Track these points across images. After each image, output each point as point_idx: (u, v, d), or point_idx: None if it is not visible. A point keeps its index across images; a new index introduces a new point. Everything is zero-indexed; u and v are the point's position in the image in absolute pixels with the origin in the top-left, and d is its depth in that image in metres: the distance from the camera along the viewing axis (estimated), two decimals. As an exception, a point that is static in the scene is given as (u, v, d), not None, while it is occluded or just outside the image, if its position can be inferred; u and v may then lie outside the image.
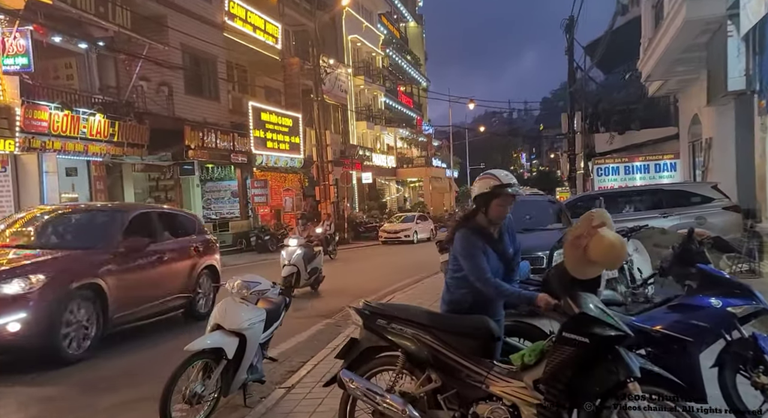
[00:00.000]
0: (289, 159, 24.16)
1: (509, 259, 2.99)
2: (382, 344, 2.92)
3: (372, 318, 2.97)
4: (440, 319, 2.86)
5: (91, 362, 5.55)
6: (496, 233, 2.97)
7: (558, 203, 8.15)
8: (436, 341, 2.72)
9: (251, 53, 22.81)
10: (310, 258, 10.02)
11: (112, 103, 15.83)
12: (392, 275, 13.94)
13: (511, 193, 2.88)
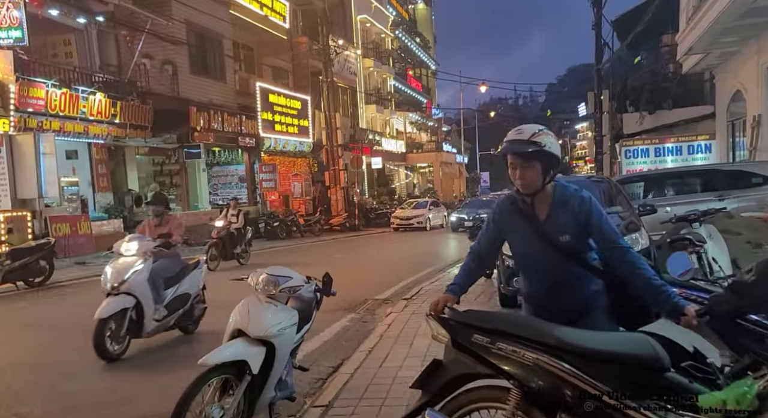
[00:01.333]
0: (297, 143, 23.33)
1: (560, 246, 2.23)
2: (482, 370, 2.08)
3: (464, 332, 2.13)
4: (574, 337, 1.96)
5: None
6: (543, 210, 2.27)
7: (606, 181, 7.24)
8: (571, 371, 1.87)
9: (258, 32, 21.88)
10: (169, 278, 5.54)
11: (113, 82, 15.02)
12: (411, 263, 13.18)
13: (504, 153, 2.26)
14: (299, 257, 14.28)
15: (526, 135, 2.20)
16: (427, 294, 7.59)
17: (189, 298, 5.65)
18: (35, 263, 8.99)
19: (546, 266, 2.26)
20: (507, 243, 2.51)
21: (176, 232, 5.78)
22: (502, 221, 2.38)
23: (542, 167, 2.19)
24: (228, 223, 11.66)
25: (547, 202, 2.26)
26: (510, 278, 5.80)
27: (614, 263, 2.18)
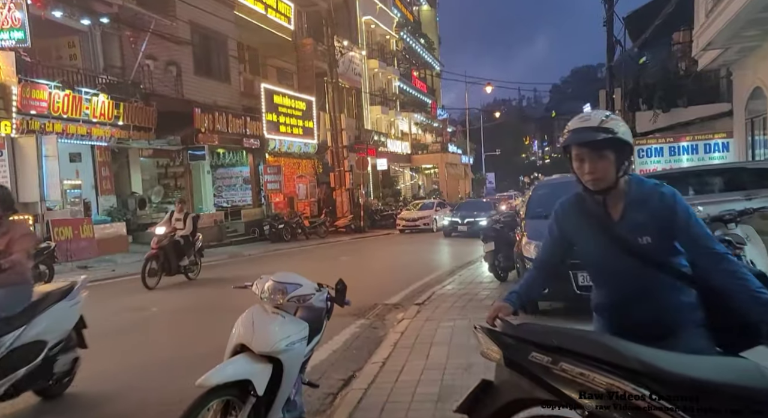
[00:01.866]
0: (302, 144, 23.10)
1: (639, 250, 1.88)
2: (541, 395, 1.75)
3: (520, 349, 1.81)
4: (661, 360, 1.59)
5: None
6: (617, 210, 1.94)
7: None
8: (657, 404, 1.50)
9: (263, 34, 21.69)
10: (7, 319, 3.63)
11: (117, 84, 14.82)
12: (419, 266, 12.89)
13: (569, 143, 1.93)
14: (304, 260, 14.02)
15: (595, 121, 1.87)
16: (439, 299, 7.30)
17: (43, 346, 3.78)
18: (34, 268, 8.74)
19: (622, 274, 1.91)
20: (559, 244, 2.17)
21: (18, 246, 3.70)
22: (567, 224, 2.07)
23: (615, 158, 1.86)
24: (172, 229, 9.66)
25: (621, 199, 1.93)
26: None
27: (708, 271, 1.82)
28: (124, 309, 7.57)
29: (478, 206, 20.24)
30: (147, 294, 8.73)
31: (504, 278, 8.68)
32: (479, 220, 17.63)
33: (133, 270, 11.66)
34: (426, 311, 6.61)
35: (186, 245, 9.77)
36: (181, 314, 7.35)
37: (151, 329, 6.57)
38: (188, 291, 9.12)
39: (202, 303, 8.11)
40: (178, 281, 9.78)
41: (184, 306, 7.92)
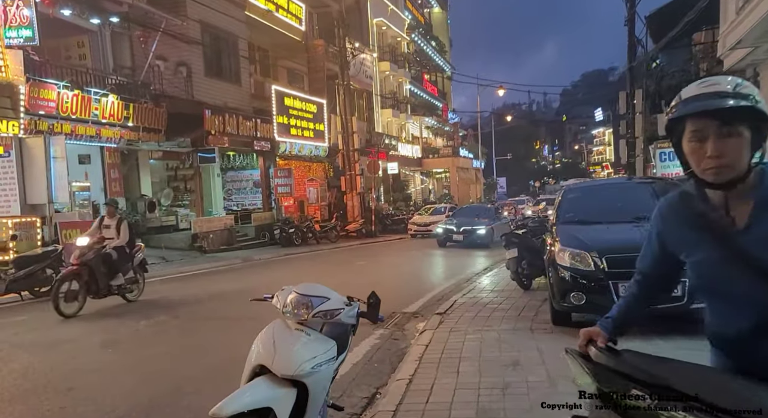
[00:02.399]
0: (313, 147, 22.82)
1: None
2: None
3: (617, 383, 1.42)
4: None
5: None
6: (743, 212, 1.43)
7: (664, 183, 6.53)
8: None
9: (274, 35, 21.47)
10: None
11: (126, 84, 14.61)
12: (434, 272, 12.51)
13: (687, 113, 1.40)
14: (316, 265, 13.68)
15: (727, 86, 1.37)
16: (462, 308, 6.90)
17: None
18: (41, 272, 8.48)
19: (749, 299, 1.42)
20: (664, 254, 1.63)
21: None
22: (669, 232, 1.59)
23: (751, 138, 1.37)
24: (99, 239, 7.67)
25: (749, 198, 1.42)
26: (566, 293, 5.09)
27: None
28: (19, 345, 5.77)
29: (477, 212, 18.39)
30: (62, 325, 6.71)
31: (528, 285, 8.28)
32: (478, 228, 16.30)
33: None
34: (449, 321, 6.23)
35: (120, 259, 7.79)
36: (90, 357, 5.33)
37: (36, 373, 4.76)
38: (117, 321, 6.93)
39: (129, 338, 6.10)
40: (113, 303, 7.88)
41: (103, 341, 5.95)
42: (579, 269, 5.08)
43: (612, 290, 4.75)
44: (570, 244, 5.25)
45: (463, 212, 19.34)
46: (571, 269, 5.12)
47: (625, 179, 9.51)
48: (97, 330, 6.45)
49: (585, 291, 4.95)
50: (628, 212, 5.63)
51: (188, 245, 15.55)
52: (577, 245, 5.16)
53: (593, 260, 4.97)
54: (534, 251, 8.44)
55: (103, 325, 6.79)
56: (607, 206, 5.82)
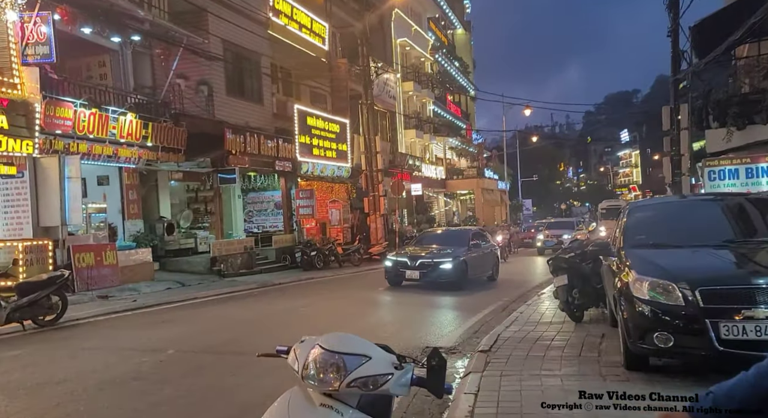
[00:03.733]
0: (336, 168, 22.24)
1: None
2: None
3: None
4: None
5: None
6: None
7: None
8: None
9: (296, 54, 21.17)
10: None
11: (146, 103, 14.27)
12: (466, 299, 11.55)
13: None
14: (338, 290, 12.86)
15: None
16: (509, 345, 5.99)
17: None
18: (46, 299, 7.86)
19: None
20: None
21: None
22: None
23: None
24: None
25: None
26: (646, 333, 4.17)
27: None
28: None
29: (450, 239, 13.16)
30: (58, 361, 6.04)
31: (579, 317, 7.32)
32: (442, 261, 11.51)
33: (154, 301, 10.74)
34: (497, 361, 5.32)
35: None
36: (83, 405, 4.47)
37: None
38: (117, 357, 6.13)
39: (130, 378, 5.26)
40: (117, 334, 7.36)
41: (101, 383, 5.05)
42: (662, 303, 4.17)
43: (711, 331, 3.83)
44: (649, 272, 4.35)
45: (429, 238, 13.96)
46: (652, 302, 4.22)
47: (706, 195, 8.51)
48: (94, 367, 5.70)
49: (673, 331, 4.03)
50: (714, 233, 4.72)
51: (206, 268, 14.93)
52: (658, 274, 4.26)
53: (682, 292, 4.06)
54: (585, 278, 7.51)
55: (102, 360, 6.04)
56: (687, 227, 4.93)
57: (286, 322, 8.38)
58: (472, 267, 12.07)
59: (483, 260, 12.98)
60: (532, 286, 12.42)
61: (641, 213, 5.54)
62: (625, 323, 4.48)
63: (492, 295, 11.26)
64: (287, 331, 7.52)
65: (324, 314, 9.64)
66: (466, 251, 12.15)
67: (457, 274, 11.51)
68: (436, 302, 10.61)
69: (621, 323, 4.62)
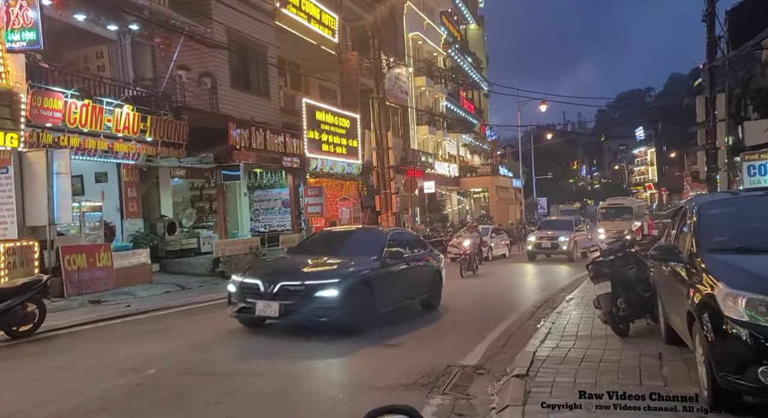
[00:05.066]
0: (346, 164, 21.35)
1: None
2: None
3: None
4: None
5: None
6: None
7: None
8: None
9: (305, 47, 20.29)
10: None
11: (145, 96, 13.48)
12: (485, 304, 10.59)
13: None
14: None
15: None
16: (549, 367, 5.04)
17: None
18: (20, 308, 7.04)
19: None
20: None
21: None
22: None
23: None
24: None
25: None
26: (746, 365, 3.20)
27: None
28: None
29: (351, 244, 8.55)
30: (22, 383, 5.20)
31: (625, 331, 6.34)
32: (322, 285, 6.78)
33: (149, 306, 9.91)
34: (538, 389, 4.38)
35: None
36: None
37: None
38: (90, 375, 5.34)
39: (103, 405, 4.44)
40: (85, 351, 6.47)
41: (67, 411, 4.26)
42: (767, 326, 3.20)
43: None
44: (744, 285, 3.38)
45: (319, 242, 9.01)
46: (752, 325, 3.25)
47: None
48: (53, 394, 4.76)
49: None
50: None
51: (209, 270, 14.11)
52: (759, 288, 3.29)
53: (800, 313, 3.08)
54: (631, 285, 6.53)
55: (67, 384, 5.10)
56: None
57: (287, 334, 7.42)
58: (382, 292, 7.34)
59: (407, 278, 8.24)
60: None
61: (718, 209, 4.53)
62: (712, 348, 3.50)
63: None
64: (287, 345, 6.63)
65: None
66: (373, 265, 7.51)
67: (347, 306, 6.64)
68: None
69: (704, 347, 3.64)
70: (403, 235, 9.97)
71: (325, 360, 6.10)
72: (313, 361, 6.06)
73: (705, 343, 3.58)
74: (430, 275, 9.00)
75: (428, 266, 9.04)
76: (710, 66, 13.08)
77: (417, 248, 9.23)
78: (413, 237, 10.49)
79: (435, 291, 9.03)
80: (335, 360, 6.13)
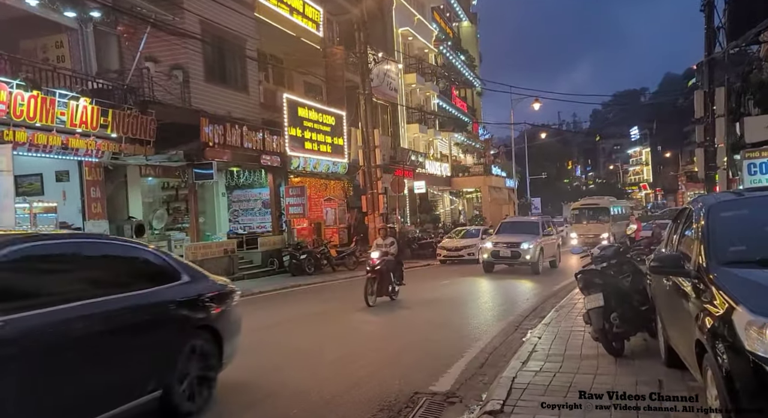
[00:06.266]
0: (331, 163, 20.51)
1: None
2: None
3: None
4: None
5: None
6: None
7: None
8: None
9: (288, 40, 19.47)
10: None
11: (109, 89, 12.61)
12: (469, 312, 9.78)
13: None
14: (317, 305, 11.08)
15: None
16: (530, 396, 4.23)
17: None
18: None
19: None
20: None
21: None
22: None
23: None
24: None
25: None
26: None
27: None
28: None
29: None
30: None
31: (619, 350, 5.53)
32: None
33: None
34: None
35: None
36: None
37: None
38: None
39: None
40: None
41: None
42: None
43: None
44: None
45: None
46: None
47: None
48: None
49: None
50: None
51: (178, 275, 13.22)
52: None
53: None
54: (626, 297, 5.73)
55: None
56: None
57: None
58: None
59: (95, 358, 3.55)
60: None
61: (731, 212, 3.70)
62: (729, 385, 2.69)
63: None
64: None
65: (292, 338, 7.89)
66: None
67: None
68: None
69: (720, 390, 2.82)
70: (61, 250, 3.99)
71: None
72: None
73: (721, 385, 2.76)
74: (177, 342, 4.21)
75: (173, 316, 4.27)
76: (709, 58, 12.31)
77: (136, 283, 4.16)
78: (127, 255, 4.45)
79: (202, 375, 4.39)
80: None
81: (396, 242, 11.43)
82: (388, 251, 10.63)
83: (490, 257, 15.75)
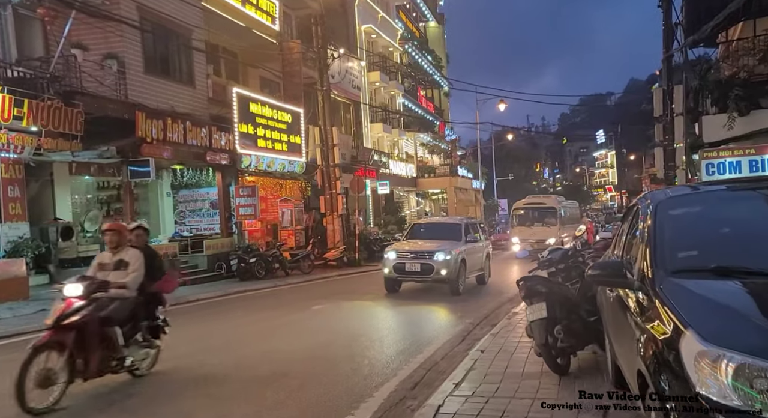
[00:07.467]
0: (287, 162, 19.60)
1: None
2: None
3: None
4: None
5: None
6: None
7: None
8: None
9: (241, 33, 18.48)
10: None
11: (28, 78, 11.48)
12: (418, 320, 9.04)
13: None
14: (256, 312, 10.17)
15: None
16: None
17: None
18: None
19: None
20: None
21: None
22: None
23: None
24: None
25: None
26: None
27: None
28: None
29: None
30: None
31: (564, 368, 4.89)
32: None
33: (18, 328, 8.05)
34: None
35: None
36: None
37: None
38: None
39: None
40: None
41: None
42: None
43: None
44: (733, 339, 1.92)
45: None
46: (745, 414, 1.78)
47: None
48: None
49: None
50: None
51: (109, 281, 12.14)
52: (753, 345, 1.84)
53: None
54: (573, 307, 5.10)
55: None
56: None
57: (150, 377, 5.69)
58: None
59: None
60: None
61: (682, 209, 3.03)
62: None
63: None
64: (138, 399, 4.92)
65: (224, 348, 7.04)
66: None
67: None
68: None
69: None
70: None
71: None
72: None
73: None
74: None
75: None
76: (667, 55, 11.97)
77: None
78: None
79: None
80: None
81: (156, 257, 6.15)
82: (119, 283, 5.18)
83: (393, 272, 11.43)
